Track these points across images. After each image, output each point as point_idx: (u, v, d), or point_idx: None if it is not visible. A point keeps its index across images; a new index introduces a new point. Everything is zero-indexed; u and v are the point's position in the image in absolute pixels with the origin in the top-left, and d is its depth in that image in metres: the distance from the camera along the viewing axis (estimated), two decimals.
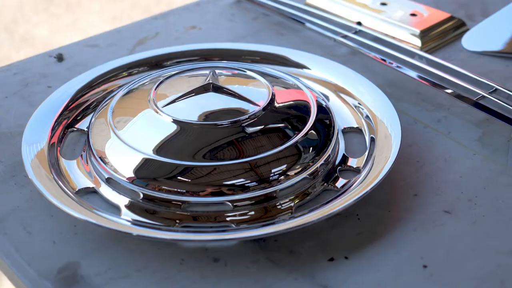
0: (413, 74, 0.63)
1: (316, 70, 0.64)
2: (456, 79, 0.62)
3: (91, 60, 0.69)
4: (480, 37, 0.72)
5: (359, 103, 0.60)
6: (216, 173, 0.49)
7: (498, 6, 0.77)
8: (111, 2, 2.73)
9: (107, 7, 2.67)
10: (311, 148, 0.52)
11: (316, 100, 0.56)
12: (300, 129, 0.53)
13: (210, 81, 0.56)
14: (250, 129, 0.52)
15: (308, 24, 0.73)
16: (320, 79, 0.63)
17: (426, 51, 0.70)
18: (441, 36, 0.72)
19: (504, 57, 0.69)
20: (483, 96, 0.59)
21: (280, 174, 0.50)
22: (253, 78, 0.57)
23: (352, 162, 0.54)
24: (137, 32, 0.75)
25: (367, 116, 0.58)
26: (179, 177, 0.49)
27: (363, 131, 0.57)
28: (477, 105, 0.58)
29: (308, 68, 0.64)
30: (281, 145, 0.51)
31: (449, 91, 0.60)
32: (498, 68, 0.68)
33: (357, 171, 0.53)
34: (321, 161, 0.52)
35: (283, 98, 0.55)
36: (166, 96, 0.55)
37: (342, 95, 0.61)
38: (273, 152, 0.50)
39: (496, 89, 0.60)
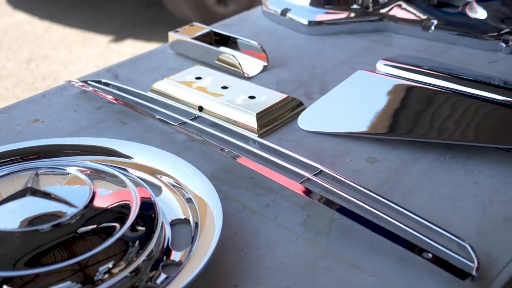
0: (244, 160, 0.65)
1: (143, 160, 0.65)
2: (285, 162, 0.64)
3: None
4: (313, 117, 0.75)
5: (185, 192, 0.61)
6: (38, 281, 0.49)
7: (335, 83, 0.81)
8: None
9: None
10: (133, 246, 0.52)
11: (140, 194, 0.57)
12: (121, 227, 0.53)
13: (30, 185, 0.55)
14: (72, 232, 0.52)
15: (149, 112, 0.74)
16: (149, 167, 0.64)
17: (263, 133, 0.72)
18: (278, 118, 0.75)
19: (335, 135, 0.72)
20: (308, 179, 0.62)
21: (102, 274, 0.50)
22: (75, 176, 0.58)
23: (176, 256, 0.55)
24: None
25: (193, 207, 0.59)
26: None
27: (190, 222, 0.58)
28: (300, 189, 0.60)
29: (133, 158, 0.65)
30: (100, 245, 0.51)
31: (275, 175, 0.62)
32: (330, 146, 0.70)
33: (179, 264, 0.54)
34: (143, 257, 0.52)
35: (105, 195, 0.56)
36: None
37: (170, 183, 0.62)
38: (92, 253, 0.50)
39: (321, 170, 0.63)
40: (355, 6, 1.00)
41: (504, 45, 0.91)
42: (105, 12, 3.53)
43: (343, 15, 0.99)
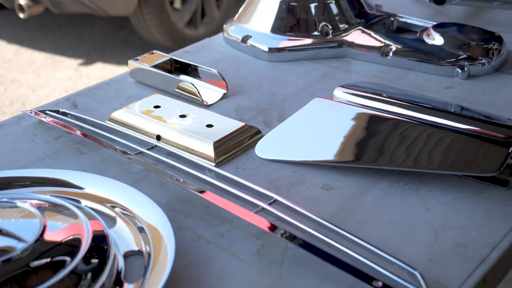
0: (199, 190, 0.65)
1: (97, 191, 0.65)
2: (240, 192, 0.64)
3: None
4: (270, 145, 0.75)
5: (139, 222, 0.61)
6: None
7: (294, 110, 0.82)
8: None
9: None
10: (85, 278, 0.52)
11: (92, 227, 0.57)
12: (72, 260, 0.53)
13: None
14: (23, 266, 0.52)
15: (107, 142, 0.74)
16: (103, 198, 0.64)
17: (220, 162, 0.73)
18: (236, 145, 0.75)
19: (292, 163, 0.72)
20: (263, 208, 0.62)
21: None
22: (25, 209, 0.57)
23: None
24: None
25: (146, 238, 0.59)
26: None
27: (144, 254, 0.58)
28: (254, 218, 0.60)
29: (85, 188, 0.65)
30: (52, 278, 0.51)
31: (229, 205, 0.62)
32: (286, 174, 0.71)
33: None
34: None
35: (56, 228, 0.56)
36: None
37: (124, 214, 0.62)
38: (44, 287, 0.50)
39: (275, 200, 0.63)
40: (315, 33, 1.01)
41: (460, 71, 0.92)
42: (75, 34, 3.52)
43: (304, 41, 1.00)
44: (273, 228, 0.59)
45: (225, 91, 0.88)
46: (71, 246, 0.54)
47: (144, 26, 3.08)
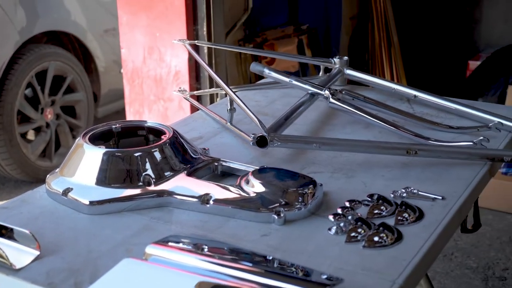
0: None
1: None
2: None
3: None
4: None
5: None
6: None
7: (108, 269, 0.80)
8: None
9: None
10: None
11: None
12: None
13: None
14: None
15: None
16: None
17: None
18: None
19: None
20: None
21: None
22: None
23: None
24: None
25: None
26: None
27: None
28: None
29: None
30: None
31: None
32: None
33: None
34: None
35: None
36: None
37: None
38: None
39: None
40: (139, 183, 1.01)
41: (276, 217, 0.95)
42: None
43: (125, 193, 1.00)
44: None
45: (38, 252, 0.85)
46: None
47: None
